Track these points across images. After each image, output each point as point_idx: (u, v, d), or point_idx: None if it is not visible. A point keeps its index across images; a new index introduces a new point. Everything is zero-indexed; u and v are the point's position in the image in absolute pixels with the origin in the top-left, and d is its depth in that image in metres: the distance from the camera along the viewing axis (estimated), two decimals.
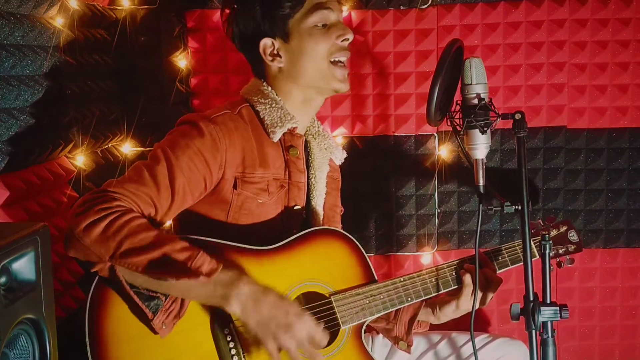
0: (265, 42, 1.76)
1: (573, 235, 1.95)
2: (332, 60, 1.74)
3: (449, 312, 1.83)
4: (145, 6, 2.34)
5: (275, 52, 1.76)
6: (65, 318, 1.79)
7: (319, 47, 1.73)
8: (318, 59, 1.73)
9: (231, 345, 1.54)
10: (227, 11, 1.84)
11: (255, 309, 1.46)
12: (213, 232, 1.61)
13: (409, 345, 1.86)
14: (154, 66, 2.37)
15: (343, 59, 1.77)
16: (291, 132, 1.78)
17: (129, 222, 1.42)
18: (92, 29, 2.20)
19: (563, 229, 1.95)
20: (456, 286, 1.81)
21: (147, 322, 1.46)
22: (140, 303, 1.44)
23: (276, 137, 1.74)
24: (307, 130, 1.89)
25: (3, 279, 1.16)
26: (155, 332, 1.46)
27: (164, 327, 1.46)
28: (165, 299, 1.47)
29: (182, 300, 1.49)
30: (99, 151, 2.25)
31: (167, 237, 1.47)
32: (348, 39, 1.76)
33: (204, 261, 1.44)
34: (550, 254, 1.89)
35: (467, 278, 1.77)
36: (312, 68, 1.74)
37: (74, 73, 2.00)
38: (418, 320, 1.87)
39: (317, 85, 1.77)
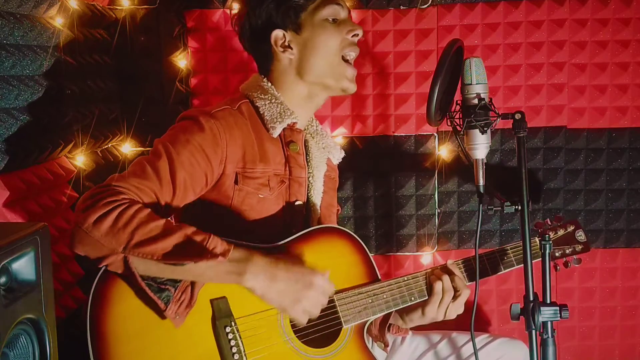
0: (277, 34, 1.77)
1: (581, 235, 1.94)
2: (343, 55, 1.76)
3: (415, 318, 1.82)
4: (145, 6, 2.34)
5: (286, 43, 1.77)
6: (65, 318, 1.79)
7: (330, 40, 1.75)
8: (330, 53, 1.75)
9: (232, 343, 1.54)
10: (237, 4, 1.84)
11: (272, 280, 1.51)
12: (215, 229, 1.61)
13: (386, 345, 1.87)
14: (154, 66, 2.38)
15: (353, 54, 1.79)
16: (291, 128, 1.79)
17: (137, 213, 1.43)
18: (92, 29, 2.20)
19: (570, 228, 1.94)
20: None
21: (159, 313, 1.46)
22: (152, 295, 1.44)
23: (276, 132, 1.75)
24: (305, 129, 1.89)
25: (3, 279, 1.16)
26: (162, 317, 1.47)
27: (177, 317, 1.47)
28: (175, 290, 1.47)
29: (192, 290, 1.49)
30: (98, 151, 2.25)
31: (175, 224, 1.48)
32: (358, 35, 1.78)
33: (217, 242, 1.48)
34: (557, 254, 1.90)
35: (438, 286, 1.75)
36: (322, 61, 1.76)
37: (74, 73, 2.00)
38: (392, 325, 1.87)
39: (326, 82, 1.78)
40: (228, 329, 1.54)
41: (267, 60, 1.82)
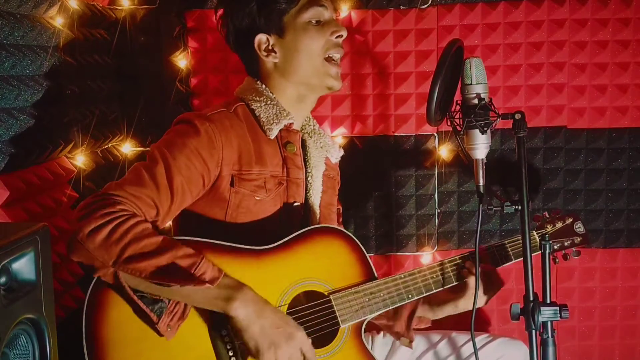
0: (260, 38, 1.77)
1: (579, 227, 1.92)
2: (326, 56, 1.76)
3: (449, 311, 1.85)
4: (145, 6, 2.34)
5: (270, 47, 1.77)
6: (65, 318, 1.79)
7: (313, 42, 1.75)
8: (313, 55, 1.75)
9: (229, 347, 1.54)
10: (222, 9, 1.85)
11: (259, 316, 1.49)
12: (213, 232, 1.62)
13: (410, 341, 1.87)
14: (154, 66, 2.38)
15: (337, 55, 1.79)
16: (287, 129, 1.79)
17: (132, 228, 1.43)
18: (92, 29, 2.20)
19: (569, 221, 1.92)
20: (457, 282, 1.80)
21: (151, 325, 1.46)
22: (144, 307, 1.45)
23: (273, 133, 1.75)
24: (302, 128, 1.89)
25: (3, 279, 1.16)
26: (160, 335, 1.47)
27: (169, 329, 1.47)
28: (169, 302, 1.48)
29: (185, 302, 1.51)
30: (99, 151, 2.25)
31: (170, 242, 1.48)
32: (342, 36, 1.78)
33: (207, 268, 1.47)
34: (556, 247, 1.89)
35: (472, 280, 1.76)
36: (306, 64, 1.76)
37: (74, 73, 2.00)
38: (419, 317, 1.87)
39: (310, 82, 1.78)
40: (224, 332, 1.54)
41: (253, 62, 1.83)
